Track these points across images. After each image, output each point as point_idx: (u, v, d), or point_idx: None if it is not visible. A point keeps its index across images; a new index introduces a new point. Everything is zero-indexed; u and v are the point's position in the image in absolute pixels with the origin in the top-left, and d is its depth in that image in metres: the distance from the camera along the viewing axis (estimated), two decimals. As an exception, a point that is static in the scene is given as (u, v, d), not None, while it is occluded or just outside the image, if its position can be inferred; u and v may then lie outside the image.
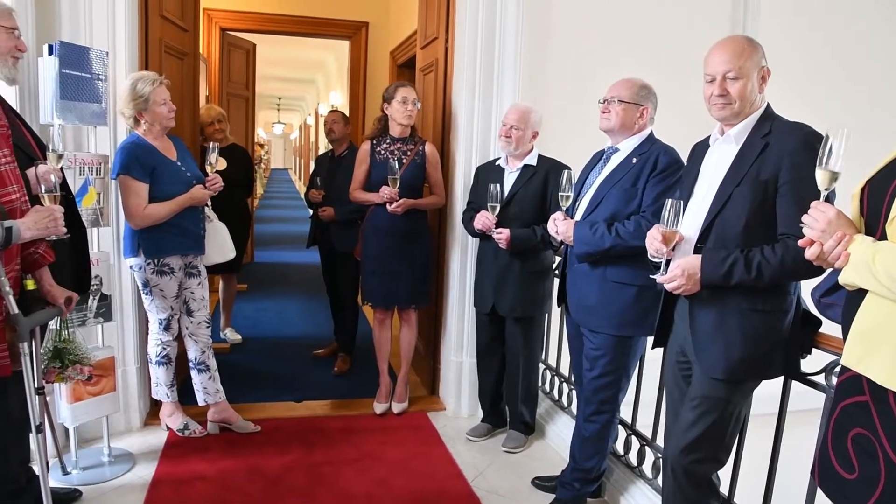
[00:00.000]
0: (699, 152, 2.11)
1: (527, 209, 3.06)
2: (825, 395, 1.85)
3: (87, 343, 2.79)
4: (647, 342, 2.63)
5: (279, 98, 21.67)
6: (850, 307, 1.42)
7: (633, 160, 2.50)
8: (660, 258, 1.98)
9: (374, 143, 3.55)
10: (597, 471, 2.70)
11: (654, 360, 2.57)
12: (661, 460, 2.54)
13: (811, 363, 1.94)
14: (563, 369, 3.40)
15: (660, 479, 2.46)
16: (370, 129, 3.65)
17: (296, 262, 8.21)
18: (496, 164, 3.21)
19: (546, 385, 3.55)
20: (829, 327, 1.78)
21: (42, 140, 2.46)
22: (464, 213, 3.37)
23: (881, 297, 1.33)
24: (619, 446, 2.85)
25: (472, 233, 3.24)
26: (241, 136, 6.46)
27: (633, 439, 2.80)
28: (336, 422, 3.54)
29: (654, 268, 2.04)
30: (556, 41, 3.55)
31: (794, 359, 1.95)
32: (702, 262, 1.88)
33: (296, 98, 21.39)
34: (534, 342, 3.27)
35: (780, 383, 2.05)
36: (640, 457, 2.75)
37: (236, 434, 3.31)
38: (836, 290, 1.53)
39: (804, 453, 1.79)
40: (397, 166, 3.30)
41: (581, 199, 2.61)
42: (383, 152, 3.50)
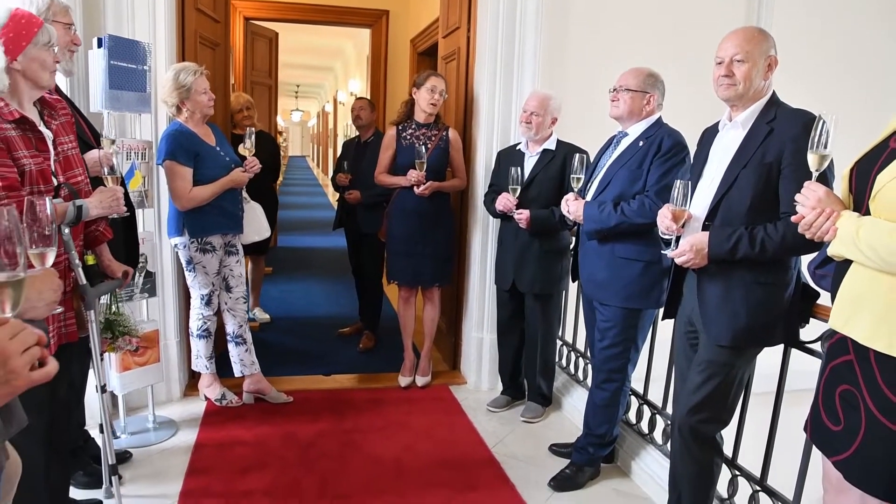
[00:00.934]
0: (709, 137, 2.24)
1: (545, 191, 3.20)
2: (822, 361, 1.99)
3: (134, 317, 2.98)
4: (655, 319, 2.79)
5: (297, 85, 21.73)
6: (837, 276, 1.57)
7: (640, 143, 2.64)
8: (670, 235, 2.12)
9: (400, 128, 3.68)
10: (609, 436, 2.85)
11: (663, 340, 2.73)
12: (670, 427, 2.70)
13: (809, 332, 2.09)
14: (578, 345, 3.56)
15: (669, 445, 2.61)
16: (397, 112, 3.78)
17: (318, 246, 8.36)
18: (517, 148, 3.35)
19: (563, 360, 3.70)
20: (826, 299, 1.91)
21: (94, 126, 2.66)
22: (485, 195, 3.52)
23: (864, 266, 1.47)
24: (632, 416, 3.01)
25: (494, 213, 3.40)
26: (264, 124, 6.57)
27: (645, 409, 2.96)
28: (363, 394, 3.73)
29: (664, 244, 2.18)
30: (575, 31, 3.65)
31: (793, 328, 2.10)
32: (709, 238, 2.03)
33: (314, 85, 21.45)
34: (551, 318, 3.41)
35: (780, 357, 2.21)
36: (651, 425, 2.91)
37: (270, 404, 3.50)
38: (828, 263, 1.66)
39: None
40: (423, 151, 3.46)
41: (593, 181, 2.76)
42: (409, 137, 3.63)
